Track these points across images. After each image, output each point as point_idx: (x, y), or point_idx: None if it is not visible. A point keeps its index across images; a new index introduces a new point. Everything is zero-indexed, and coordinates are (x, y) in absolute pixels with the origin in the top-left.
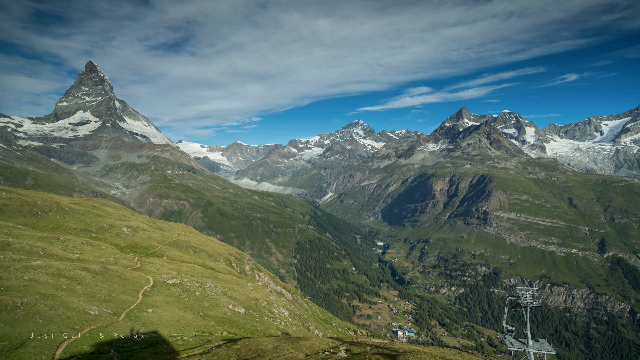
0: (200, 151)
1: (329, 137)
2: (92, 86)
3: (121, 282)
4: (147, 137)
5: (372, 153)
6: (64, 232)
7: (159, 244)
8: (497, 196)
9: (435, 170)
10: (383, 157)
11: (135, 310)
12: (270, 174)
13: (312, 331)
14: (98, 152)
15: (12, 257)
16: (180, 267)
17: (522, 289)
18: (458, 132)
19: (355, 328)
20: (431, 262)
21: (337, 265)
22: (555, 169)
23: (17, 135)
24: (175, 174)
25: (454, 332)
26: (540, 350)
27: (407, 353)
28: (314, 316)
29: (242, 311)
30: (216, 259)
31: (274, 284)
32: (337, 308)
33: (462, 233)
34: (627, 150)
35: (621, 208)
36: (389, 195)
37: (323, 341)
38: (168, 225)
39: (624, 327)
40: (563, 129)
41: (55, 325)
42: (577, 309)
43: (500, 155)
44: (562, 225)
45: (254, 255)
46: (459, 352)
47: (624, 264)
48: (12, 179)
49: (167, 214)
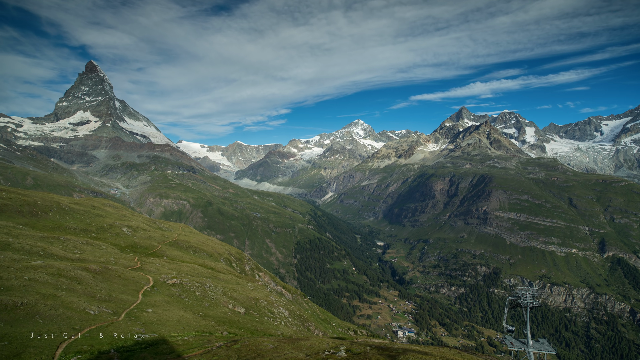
0: (200, 151)
1: (329, 137)
2: (92, 86)
3: (121, 282)
4: (147, 137)
5: (372, 153)
6: (64, 232)
7: (159, 244)
8: (497, 196)
9: (435, 170)
10: (383, 157)
11: (135, 310)
12: (270, 174)
13: (312, 331)
14: (98, 152)
15: (12, 257)
16: (180, 267)
17: (522, 289)
18: (458, 132)
19: (356, 328)
20: (431, 262)
21: (337, 265)
22: (555, 169)
23: (17, 135)
24: (175, 174)
25: (454, 332)
26: (540, 350)
27: (407, 353)
28: (314, 316)
29: (242, 311)
30: (216, 259)
31: (274, 284)
32: (337, 308)
33: (462, 233)
34: (627, 150)
35: (621, 208)
36: (389, 195)
37: (323, 341)
38: (168, 225)
39: (624, 327)
40: (563, 128)
41: (55, 325)
42: (577, 309)
43: (501, 155)
44: (562, 225)
45: (254, 255)
46: (459, 352)
47: (624, 264)
48: (12, 179)
49: (167, 214)
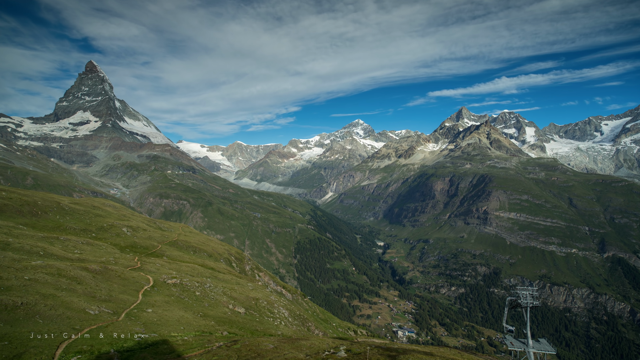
0: (200, 151)
1: (328, 137)
2: (92, 86)
3: (121, 282)
4: (147, 137)
5: (372, 153)
6: (64, 232)
7: (159, 244)
8: (497, 196)
9: (435, 170)
10: (383, 157)
11: (135, 310)
12: (270, 174)
13: (312, 331)
14: (98, 152)
15: (12, 257)
16: (180, 267)
17: (522, 289)
18: (458, 132)
19: (356, 328)
20: (431, 262)
21: (337, 265)
22: (555, 169)
23: (17, 135)
24: (175, 174)
25: (454, 332)
26: (540, 350)
27: (407, 353)
28: (314, 316)
29: (242, 311)
30: (216, 259)
31: (274, 284)
32: (337, 308)
33: (462, 233)
34: (627, 150)
35: (621, 208)
36: (389, 195)
37: (323, 341)
38: (168, 225)
39: (624, 327)
40: (563, 128)
41: (55, 325)
42: (577, 308)
43: (501, 155)
44: (562, 225)
45: (254, 255)
46: (460, 352)
47: (624, 263)
48: (12, 179)
49: (167, 213)
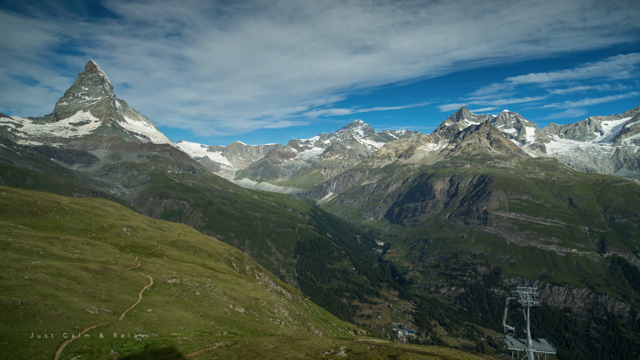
0: (200, 151)
1: (329, 137)
2: (92, 86)
3: (121, 281)
4: (147, 137)
5: (372, 153)
6: (64, 232)
7: (159, 244)
8: (497, 196)
9: (435, 170)
10: (383, 157)
11: (135, 310)
12: (270, 174)
13: (312, 331)
14: (98, 152)
15: (12, 256)
16: (180, 267)
17: (522, 289)
18: (458, 132)
19: (356, 328)
20: (431, 262)
21: (337, 265)
22: (555, 169)
23: (17, 135)
24: (175, 174)
25: (454, 332)
26: (540, 350)
27: (407, 353)
28: (314, 316)
29: (242, 311)
30: (216, 259)
31: (274, 284)
32: (337, 308)
33: (462, 233)
34: (627, 150)
35: (621, 208)
36: (389, 195)
37: (323, 341)
38: (168, 225)
39: (624, 327)
40: (563, 128)
41: (55, 325)
42: (577, 308)
43: (501, 155)
44: (562, 225)
45: (254, 255)
46: (460, 352)
47: (624, 263)
48: (12, 178)
49: (167, 213)
